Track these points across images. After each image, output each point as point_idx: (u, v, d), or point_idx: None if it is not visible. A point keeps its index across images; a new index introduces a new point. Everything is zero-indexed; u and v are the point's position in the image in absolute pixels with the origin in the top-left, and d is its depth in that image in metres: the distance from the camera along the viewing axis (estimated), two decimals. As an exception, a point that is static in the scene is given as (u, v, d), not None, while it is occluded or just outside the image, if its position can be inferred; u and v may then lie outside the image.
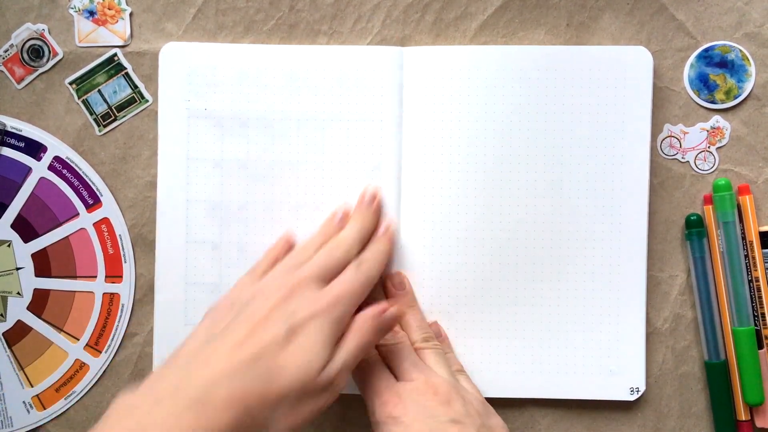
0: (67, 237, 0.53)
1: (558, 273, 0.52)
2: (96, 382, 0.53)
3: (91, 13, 0.52)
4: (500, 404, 0.52)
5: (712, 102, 0.53)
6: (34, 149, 0.53)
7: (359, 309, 0.44)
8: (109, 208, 0.53)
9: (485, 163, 0.52)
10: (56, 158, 0.53)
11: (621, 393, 0.51)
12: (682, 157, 0.53)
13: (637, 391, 0.52)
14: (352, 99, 0.52)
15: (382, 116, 0.52)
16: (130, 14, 0.53)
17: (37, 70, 0.53)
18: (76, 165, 0.53)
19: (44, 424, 0.53)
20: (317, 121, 0.52)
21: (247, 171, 0.52)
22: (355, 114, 0.52)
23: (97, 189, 0.53)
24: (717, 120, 0.53)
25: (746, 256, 0.52)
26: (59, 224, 0.53)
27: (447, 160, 0.52)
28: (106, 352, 0.53)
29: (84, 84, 0.53)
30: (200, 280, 0.52)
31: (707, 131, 0.53)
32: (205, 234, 0.52)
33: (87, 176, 0.53)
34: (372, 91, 0.52)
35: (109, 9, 0.52)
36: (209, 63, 0.52)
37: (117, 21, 0.53)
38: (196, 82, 0.52)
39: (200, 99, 0.52)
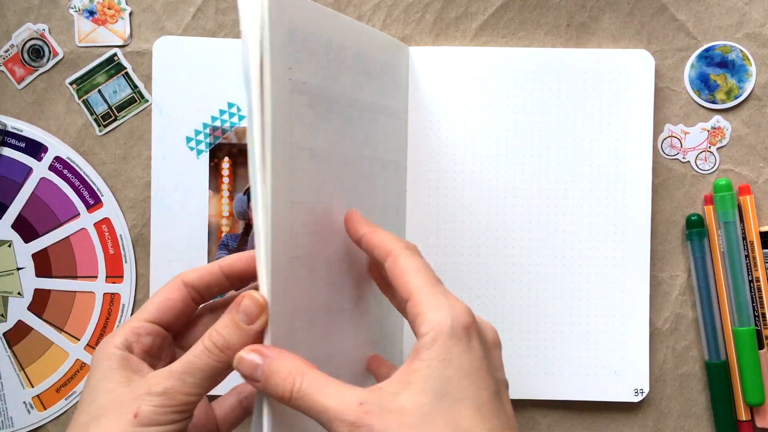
0: (67, 237, 0.53)
1: (561, 274, 0.52)
2: (97, 382, 0.53)
3: (91, 12, 0.52)
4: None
5: (713, 102, 0.53)
6: (35, 149, 0.53)
7: None
8: (109, 208, 0.53)
9: (488, 164, 0.52)
10: (57, 158, 0.53)
11: (625, 394, 0.52)
12: (683, 157, 0.53)
13: (641, 392, 0.52)
14: (388, 91, 0.48)
15: (400, 112, 0.51)
16: (130, 14, 0.53)
17: (37, 70, 0.53)
18: (76, 165, 0.53)
19: (45, 424, 0.53)
20: (370, 113, 0.45)
21: (330, 165, 0.41)
22: (388, 108, 0.48)
23: (98, 189, 0.53)
24: (718, 120, 0.53)
25: (747, 256, 0.52)
26: (60, 224, 0.53)
27: (450, 160, 0.52)
28: (106, 352, 0.53)
29: (84, 84, 0.53)
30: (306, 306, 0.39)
31: (708, 131, 0.53)
32: (304, 248, 0.38)
33: (87, 176, 0.53)
34: (396, 86, 0.50)
35: (109, 9, 0.52)
36: (303, 24, 0.38)
37: (117, 21, 0.52)
38: (296, 46, 0.37)
39: (300, 69, 0.38)
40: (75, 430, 0.34)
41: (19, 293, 0.53)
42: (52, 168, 0.53)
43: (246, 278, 0.40)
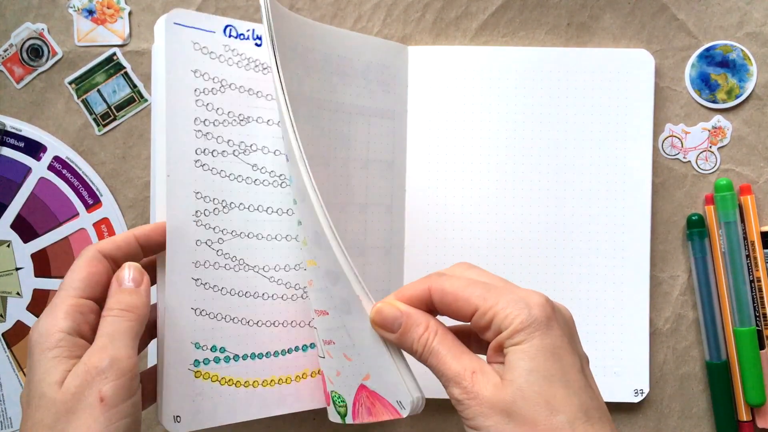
0: (66, 237, 0.53)
1: (561, 273, 0.52)
2: (96, 382, 0.53)
3: (90, 12, 0.52)
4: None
5: (714, 102, 0.52)
6: (34, 149, 0.52)
7: None
8: (108, 208, 0.53)
9: (488, 164, 0.52)
10: (56, 158, 0.52)
11: (625, 395, 0.51)
12: (684, 157, 0.53)
13: (641, 392, 0.51)
14: (375, 92, 0.49)
15: (394, 113, 0.51)
16: (129, 13, 0.52)
17: (36, 69, 0.52)
18: (75, 165, 0.52)
19: (44, 424, 0.53)
20: (345, 114, 0.48)
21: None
22: (374, 109, 0.49)
23: (97, 189, 0.53)
24: (718, 120, 0.52)
25: (748, 256, 0.51)
26: (59, 224, 0.53)
27: (450, 160, 0.52)
28: (106, 352, 0.53)
29: (83, 83, 0.53)
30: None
31: (709, 131, 0.52)
32: None
33: (87, 176, 0.53)
34: (388, 87, 0.50)
35: (108, 8, 0.52)
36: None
37: (116, 20, 0.52)
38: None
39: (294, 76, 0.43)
40: None
41: (18, 293, 0.53)
42: (51, 168, 0.53)
43: (158, 248, 0.42)
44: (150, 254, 0.42)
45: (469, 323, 0.36)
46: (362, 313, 0.37)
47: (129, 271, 0.39)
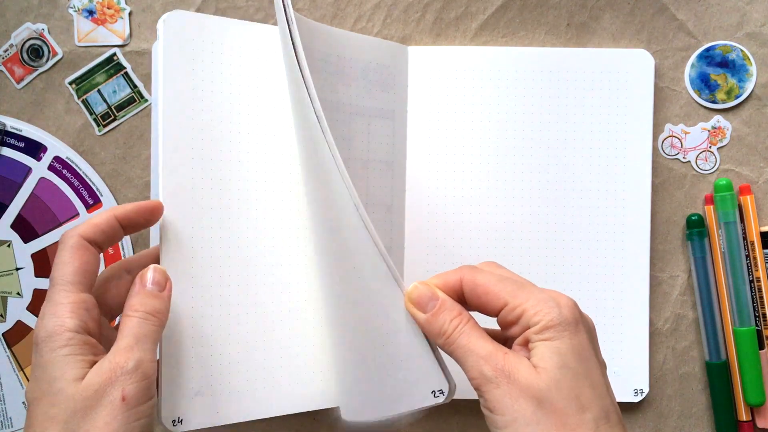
0: (66, 237, 0.53)
1: (561, 274, 0.52)
2: (96, 382, 0.53)
3: (91, 12, 0.52)
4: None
5: (713, 102, 0.52)
6: (34, 149, 0.53)
7: None
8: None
9: (488, 164, 0.52)
10: (56, 158, 0.53)
11: (625, 395, 0.51)
12: (683, 157, 0.53)
13: (641, 392, 0.51)
14: (375, 92, 0.49)
15: (394, 113, 0.51)
16: (129, 13, 0.52)
17: (36, 69, 0.53)
18: (76, 165, 0.53)
19: (44, 424, 0.53)
20: (345, 114, 0.48)
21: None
22: (374, 109, 0.49)
23: (97, 189, 0.53)
24: (718, 120, 0.53)
25: (747, 256, 0.52)
26: (59, 224, 0.53)
27: (450, 160, 0.52)
28: (106, 352, 0.53)
29: (84, 84, 0.53)
30: None
31: (708, 131, 0.53)
32: None
33: (87, 176, 0.53)
34: (387, 87, 0.50)
35: (108, 8, 0.52)
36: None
37: (116, 20, 0.52)
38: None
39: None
40: (57, 429, 0.34)
41: (18, 293, 0.53)
42: (51, 168, 0.53)
43: (139, 228, 0.41)
44: (130, 233, 0.41)
45: (495, 318, 0.36)
46: (398, 298, 0.38)
47: (153, 274, 0.39)
